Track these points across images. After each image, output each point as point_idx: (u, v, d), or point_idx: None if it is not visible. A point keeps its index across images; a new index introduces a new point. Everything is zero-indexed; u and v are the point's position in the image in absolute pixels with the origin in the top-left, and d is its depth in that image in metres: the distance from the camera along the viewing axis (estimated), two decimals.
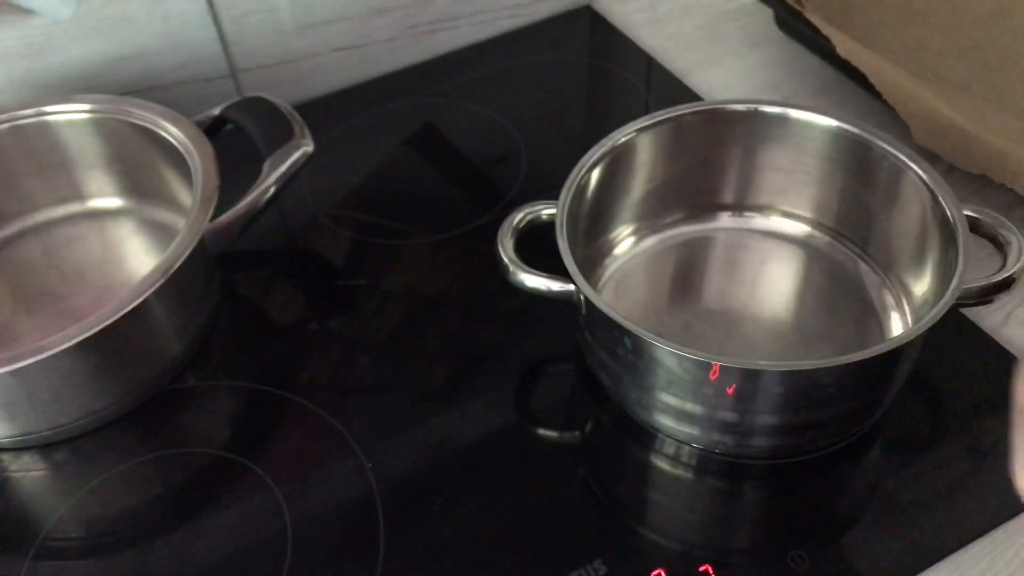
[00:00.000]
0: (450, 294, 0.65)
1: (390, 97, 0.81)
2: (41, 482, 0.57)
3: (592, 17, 0.87)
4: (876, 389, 0.52)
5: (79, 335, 0.53)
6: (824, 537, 0.51)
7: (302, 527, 0.53)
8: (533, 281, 0.54)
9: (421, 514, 0.53)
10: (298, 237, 0.71)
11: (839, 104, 0.75)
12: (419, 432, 0.57)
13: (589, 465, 0.56)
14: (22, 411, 0.56)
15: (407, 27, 0.82)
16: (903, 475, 0.54)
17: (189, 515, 0.55)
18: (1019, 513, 0.51)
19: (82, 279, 0.66)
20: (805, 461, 0.54)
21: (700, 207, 0.65)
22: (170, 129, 0.63)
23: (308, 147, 0.63)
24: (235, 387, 0.62)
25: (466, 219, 0.70)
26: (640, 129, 0.60)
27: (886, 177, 0.58)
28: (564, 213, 0.55)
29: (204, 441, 0.58)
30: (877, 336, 0.58)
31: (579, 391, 0.60)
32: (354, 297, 0.66)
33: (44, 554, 0.53)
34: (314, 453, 0.57)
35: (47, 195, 0.69)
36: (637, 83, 0.80)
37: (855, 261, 0.62)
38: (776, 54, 0.81)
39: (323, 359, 0.62)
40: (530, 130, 0.76)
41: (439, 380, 0.61)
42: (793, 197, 0.64)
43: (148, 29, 0.72)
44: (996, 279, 0.52)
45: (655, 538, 0.53)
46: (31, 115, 0.66)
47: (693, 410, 0.51)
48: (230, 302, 0.66)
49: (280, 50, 0.78)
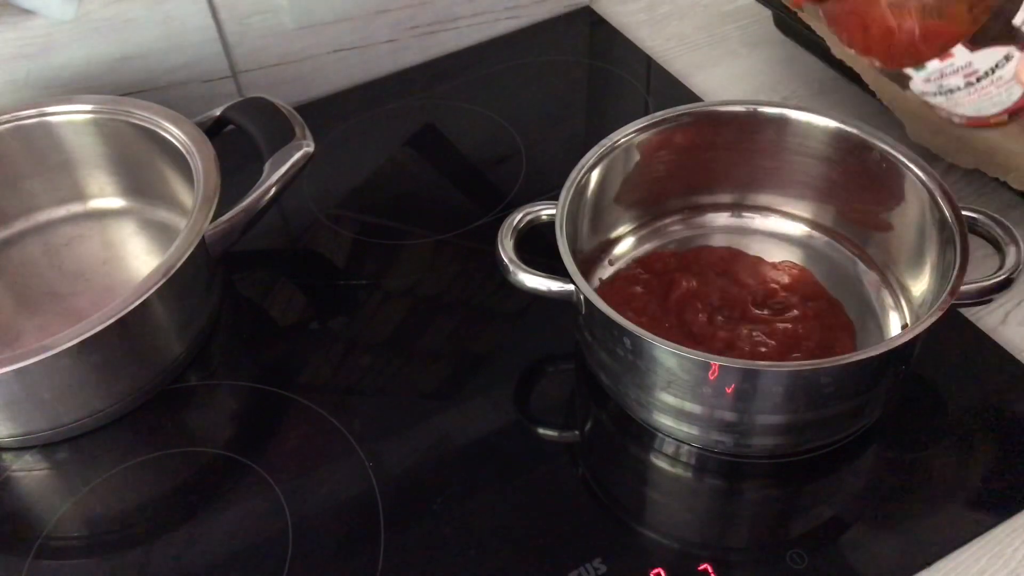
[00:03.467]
0: (450, 294, 0.66)
1: (391, 98, 0.81)
2: (43, 481, 0.58)
3: (592, 18, 0.87)
4: (875, 389, 0.52)
5: (80, 335, 0.53)
6: (823, 536, 0.51)
7: (303, 526, 0.53)
8: (533, 281, 0.55)
9: (421, 513, 0.53)
10: (299, 237, 0.71)
11: (838, 105, 0.75)
12: (419, 431, 0.57)
13: (589, 464, 0.56)
14: (24, 411, 0.56)
15: (407, 28, 0.82)
16: (901, 474, 0.54)
17: (190, 514, 0.55)
18: (1018, 512, 0.51)
19: (83, 279, 0.66)
20: (804, 460, 0.54)
21: (700, 207, 0.65)
22: (171, 130, 0.64)
23: (309, 148, 0.63)
24: (236, 387, 0.62)
25: (466, 219, 0.70)
26: (640, 129, 0.60)
27: (885, 177, 0.58)
28: (564, 213, 0.55)
29: (205, 440, 0.59)
30: (876, 336, 0.58)
31: (579, 391, 0.60)
32: (355, 297, 0.66)
33: (46, 553, 0.54)
34: (315, 452, 0.57)
35: (48, 195, 0.69)
36: (637, 83, 0.81)
37: (854, 261, 0.62)
38: (775, 55, 0.81)
39: (324, 359, 0.62)
40: (530, 130, 0.77)
41: (439, 380, 0.61)
42: (792, 197, 0.64)
43: (149, 30, 0.72)
44: (994, 279, 0.52)
45: (654, 537, 0.53)
46: (32, 115, 0.66)
47: (692, 409, 0.52)
48: (231, 302, 0.66)
49: (281, 51, 0.78)
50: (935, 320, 0.49)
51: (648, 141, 0.61)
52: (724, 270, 0.61)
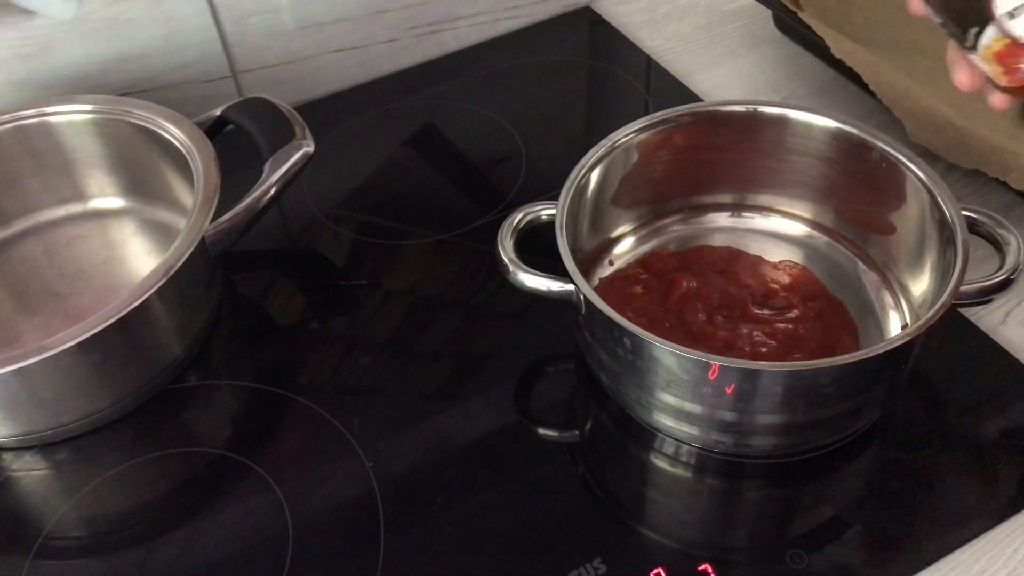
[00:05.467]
0: (450, 294, 0.66)
1: (391, 98, 0.81)
2: (43, 481, 0.58)
3: (592, 17, 0.87)
4: (875, 389, 0.52)
5: (81, 335, 0.53)
6: (823, 536, 0.51)
7: (303, 526, 0.53)
8: (533, 281, 0.55)
9: (421, 513, 0.53)
10: (299, 237, 0.71)
11: (838, 105, 0.75)
12: (419, 431, 0.57)
13: (589, 464, 0.56)
14: (24, 411, 0.56)
15: (407, 28, 0.82)
16: (901, 474, 0.54)
17: (190, 514, 0.55)
18: (1018, 512, 0.51)
19: (84, 279, 0.66)
20: (804, 460, 0.54)
21: (700, 207, 0.65)
22: (171, 130, 0.64)
23: (309, 148, 0.63)
24: (236, 387, 0.62)
25: (466, 219, 0.70)
26: (640, 129, 0.60)
27: (885, 177, 0.58)
28: (564, 213, 0.55)
29: (205, 441, 0.59)
30: (876, 336, 0.58)
31: (579, 391, 0.60)
32: (355, 297, 0.66)
33: (46, 553, 0.54)
34: (315, 452, 0.57)
35: (48, 195, 0.69)
36: (637, 83, 0.81)
37: (854, 261, 0.62)
38: (775, 55, 0.81)
39: (324, 359, 0.62)
40: (530, 130, 0.77)
41: (439, 380, 0.61)
42: (792, 197, 0.64)
43: (149, 30, 0.72)
44: (994, 279, 0.52)
45: (655, 537, 0.53)
46: (33, 115, 0.66)
47: (692, 409, 0.52)
48: (231, 302, 0.66)
49: (281, 51, 0.78)
50: (935, 320, 0.49)
51: (648, 141, 0.61)
52: (724, 270, 0.61)
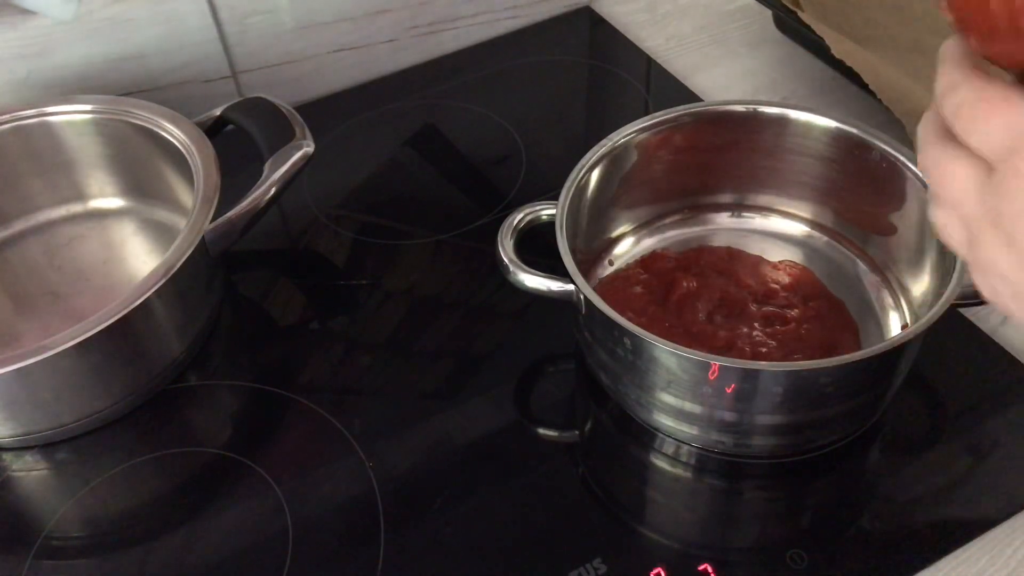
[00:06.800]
0: (450, 294, 0.66)
1: (390, 98, 0.81)
2: (43, 481, 0.58)
3: (592, 17, 0.87)
4: (875, 389, 0.52)
5: (81, 335, 0.53)
6: (823, 536, 0.51)
7: (303, 526, 0.53)
8: (533, 281, 0.55)
9: (421, 513, 0.53)
10: (299, 237, 0.71)
11: (838, 104, 0.75)
12: (419, 431, 0.57)
13: (589, 464, 0.56)
14: (24, 410, 0.56)
15: (407, 28, 0.82)
16: (901, 474, 0.54)
17: (190, 514, 0.55)
18: (1017, 512, 0.51)
19: (84, 279, 0.67)
20: (804, 460, 0.54)
21: (700, 207, 0.65)
22: (171, 130, 0.64)
23: (309, 148, 0.63)
24: (236, 387, 0.62)
25: (466, 219, 0.70)
26: (640, 129, 0.60)
27: (885, 177, 0.58)
28: (564, 213, 0.55)
29: (205, 440, 0.59)
30: (876, 336, 0.58)
31: (579, 391, 0.60)
32: (355, 297, 0.66)
33: (46, 553, 0.54)
34: (315, 452, 0.57)
35: (48, 195, 0.69)
36: (637, 83, 0.81)
37: (854, 261, 0.62)
38: (775, 55, 0.81)
39: (324, 359, 0.62)
40: (530, 130, 0.77)
41: (439, 380, 0.61)
42: (792, 198, 0.64)
43: (149, 30, 0.72)
44: None
45: (655, 537, 0.53)
46: (33, 115, 0.66)
47: (692, 410, 0.52)
48: (231, 302, 0.66)
49: (281, 51, 0.78)
50: (935, 320, 0.49)
51: (648, 141, 0.61)
52: (724, 270, 0.61)
